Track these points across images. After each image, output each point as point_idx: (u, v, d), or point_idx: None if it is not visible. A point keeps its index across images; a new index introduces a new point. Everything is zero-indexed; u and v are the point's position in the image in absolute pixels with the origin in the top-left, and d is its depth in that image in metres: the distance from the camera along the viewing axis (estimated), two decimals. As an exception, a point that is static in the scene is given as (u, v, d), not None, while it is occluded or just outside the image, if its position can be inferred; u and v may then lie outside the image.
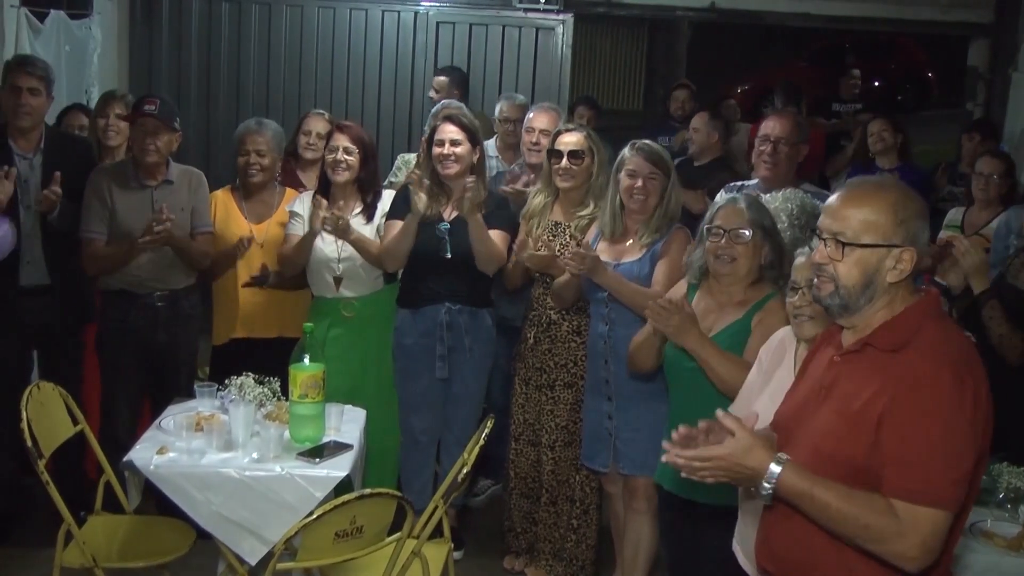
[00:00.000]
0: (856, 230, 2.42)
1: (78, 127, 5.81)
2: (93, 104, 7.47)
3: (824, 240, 2.47)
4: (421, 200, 4.58)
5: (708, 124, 6.64)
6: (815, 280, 2.52)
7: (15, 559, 4.79)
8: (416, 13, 8.52)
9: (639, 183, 4.27)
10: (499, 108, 6.17)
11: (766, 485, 2.37)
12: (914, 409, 2.30)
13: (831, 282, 2.46)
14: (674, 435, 2.51)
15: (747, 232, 3.58)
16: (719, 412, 2.46)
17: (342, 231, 4.65)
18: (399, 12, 8.49)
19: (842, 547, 2.38)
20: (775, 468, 2.36)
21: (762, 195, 4.24)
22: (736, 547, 3.07)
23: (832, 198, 2.51)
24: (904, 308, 2.45)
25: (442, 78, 7.20)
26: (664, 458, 2.49)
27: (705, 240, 3.66)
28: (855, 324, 2.49)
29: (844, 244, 2.42)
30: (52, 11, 7.34)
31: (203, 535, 3.90)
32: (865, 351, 2.45)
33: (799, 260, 3.13)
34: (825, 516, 2.35)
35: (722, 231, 3.59)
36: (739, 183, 4.94)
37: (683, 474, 2.46)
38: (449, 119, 4.76)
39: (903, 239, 2.41)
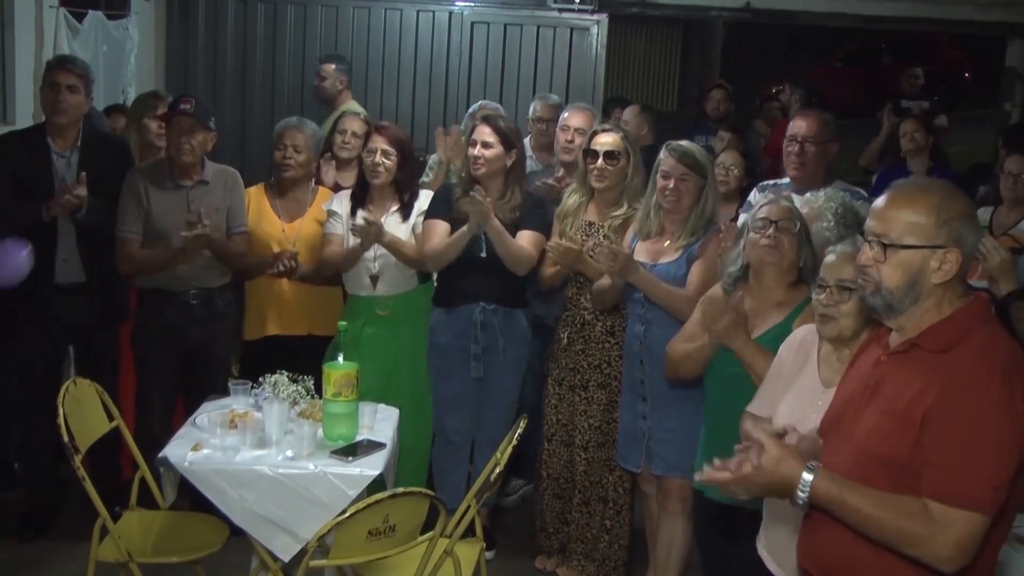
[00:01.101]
0: (899, 232, 2.40)
1: (117, 130, 5.85)
2: (131, 102, 7.57)
3: (869, 242, 2.45)
4: (473, 226, 4.55)
5: (638, 117, 6.83)
6: (860, 280, 2.50)
7: (52, 552, 4.84)
8: (451, 13, 8.53)
9: (671, 184, 4.25)
10: (533, 108, 6.16)
11: (800, 494, 2.35)
12: (959, 410, 2.28)
13: (873, 284, 2.44)
14: (715, 463, 2.50)
15: (793, 222, 3.57)
16: (747, 425, 2.45)
17: (375, 237, 4.65)
18: (434, 12, 8.51)
19: (881, 551, 2.36)
20: (807, 476, 2.35)
21: (796, 195, 4.23)
22: (762, 551, 3.05)
23: (878, 200, 2.49)
24: (953, 310, 2.42)
25: (330, 65, 7.01)
26: (698, 477, 2.49)
27: (746, 236, 3.63)
28: (902, 325, 2.47)
29: (887, 246, 2.41)
30: (90, 11, 7.42)
31: (236, 531, 3.90)
32: (912, 352, 2.43)
33: (829, 259, 3.11)
34: (858, 521, 2.33)
35: (769, 221, 3.57)
36: (771, 182, 4.91)
37: (721, 492, 2.45)
38: (485, 120, 4.76)
39: (947, 240, 2.38)
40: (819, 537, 2.53)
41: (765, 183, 4.88)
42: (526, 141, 6.02)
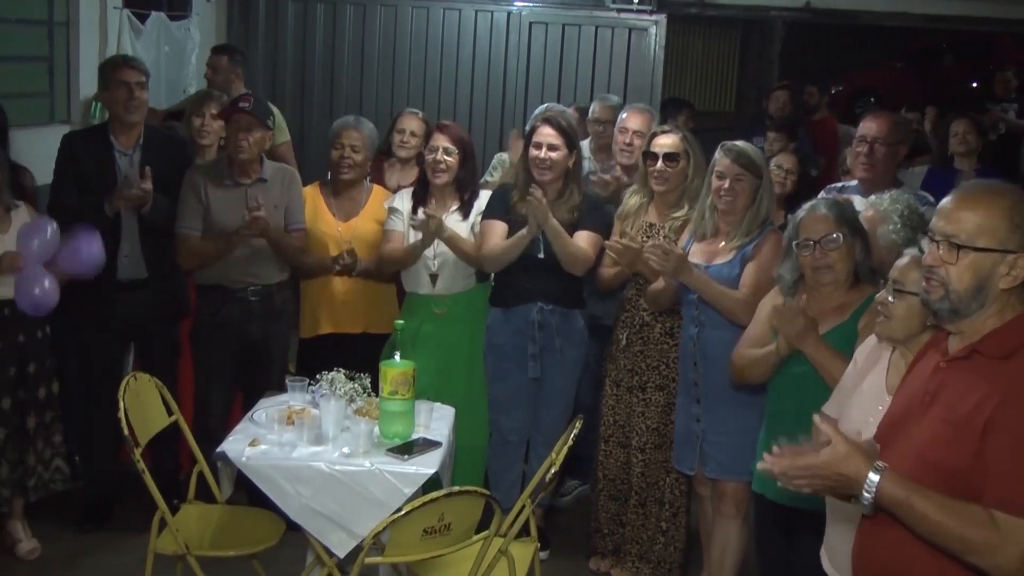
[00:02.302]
0: (971, 233, 2.35)
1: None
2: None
3: (937, 242, 2.40)
4: (533, 228, 4.54)
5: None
6: (923, 283, 2.46)
7: (111, 543, 4.91)
8: (509, 13, 8.54)
9: (726, 184, 4.21)
10: (592, 109, 6.14)
11: (866, 495, 2.31)
12: (1021, 418, 2.23)
13: (941, 286, 2.39)
14: (775, 450, 2.47)
15: (838, 236, 3.51)
16: (816, 419, 2.41)
17: (436, 232, 4.66)
18: (492, 12, 8.52)
19: (941, 558, 2.32)
20: (874, 477, 2.30)
21: (860, 197, 4.17)
22: (823, 555, 3.02)
23: (945, 200, 2.44)
24: (1015, 315, 2.38)
25: (222, 58, 6.76)
26: (759, 466, 2.45)
27: (794, 255, 3.60)
28: (963, 330, 2.42)
29: (959, 247, 2.36)
30: (153, 12, 7.52)
31: (293, 527, 3.94)
32: (973, 358, 2.38)
33: (903, 260, 3.06)
34: (923, 526, 2.29)
35: (812, 242, 3.53)
36: (839, 184, 4.85)
37: (779, 484, 2.42)
38: (548, 121, 4.74)
39: (1017, 245, 2.33)
40: (873, 541, 2.49)
41: (832, 186, 4.82)
42: (585, 143, 6.01)
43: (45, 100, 6.85)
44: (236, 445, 3.87)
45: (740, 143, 4.33)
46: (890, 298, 2.96)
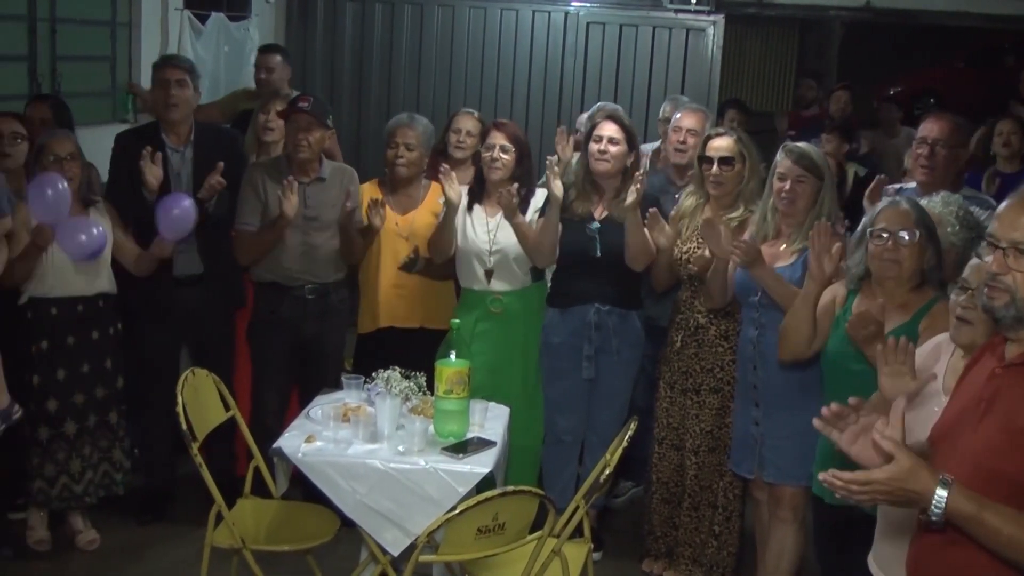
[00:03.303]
0: None
1: None
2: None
3: (1003, 249, 2.36)
4: (557, 187, 4.56)
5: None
6: (985, 289, 2.41)
7: (168, 535, 4.98)
8: (567, 13, 8.54)
9: (787, 185, 4.18)
10: (663, 109, 6.13)
11: (935, 510, 2.27)
12: None
13: (1007, 293, 2.34)
14: (824, 411, 2.45)
15: (913, 234, 3.47)
16: (875, 436, 2.36)
17: (512, 209, 4.67)
18: (550, 12, 8.52)
19: (1005, 569, 2.28)
20: (942, 492, 2.25)
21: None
22: (871, 562, 2.98)
23: (1004, 205, 2.40)
24: None
25: (275, 56, 6.66)
26: (820, 477, 2.42)
27: (867, 243, 3.55)
28: (1022, 337, 2.39)
29: None
30: (213, 13, 7.60)
31: (347, 523, 3.96)
32: None
33: (975, 261, 3.00)
34: (995, 541, 2.24)
35: (886, 233, 3.49)
36: (897, 186, 4.79)
37: (838, 495, 2.39)
38: (611, 118, 4.76)
39: None
40: (935, 554, 2.45)
41: (890, 187, 4.76)
42: (655, 144, 6.01)
43: (108, 99, 6.96)
44: (292, 441, 3.90)
45: (802, 144, 4.30)
46: (963, 299, 2.89)
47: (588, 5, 8.60)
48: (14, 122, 4.72)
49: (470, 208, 4.86)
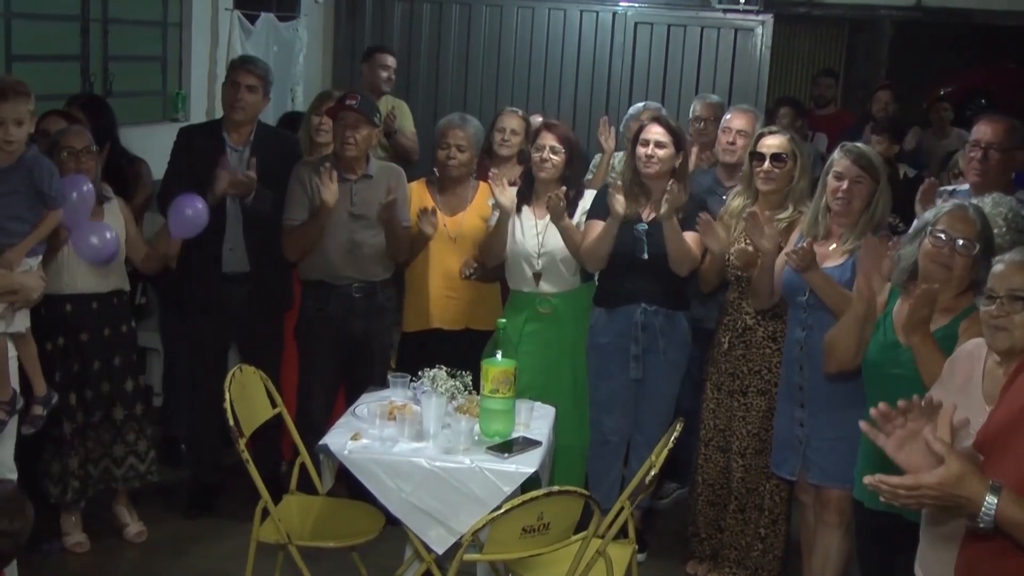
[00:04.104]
0: None
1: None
2: (298, 101, 7.81)
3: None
4: (619, 203, 4.57)
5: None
6: None
7: (214, 529, 5.03)
8: (615, 13, 8.52)
9: (844, 185, 4.14)
10: (693, 107, 6.10)
11: (985, 516, 2.24)
12: None
13: None
14: (872, 412, 2.42)
15: (972, 244, 3.40)
16: (927, 436, 2.33)
17: (559, 213, 4.67)
18: (597, 12, 8.51)
19: None
20: (991, 498, 2.22)
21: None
22: (918, 570, 2.94)
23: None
24: None
25: (388, 56, 6.97)
26: (866, 480, 2.39)
27: (922, 238, 3.50)
28: None
29: None
30: (263, 13, 7.67)
31: (392, 521, 3.97)
32: None
33: (997, 268, 2.95)
34: None
35: (945, 236, 3.44)
36: (949, 188, 4.73)
37: (882, 499, 2.36)
38: (657, 120, 4.75)
39: None
40: (985, 562, 2.42)
41: (942, 188, 4.71)
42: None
43: (158, 98, 7.03)
44: (338, 438, 3.92)
45: (860, 145, 4.26)
46: (1007, 307, 2.84)
47: (636, 5, 8.58)
48: (60, 121, 4.77)
49: (518, 210, 4.87)
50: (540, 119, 5.57)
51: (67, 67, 6.25)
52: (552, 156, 4.77)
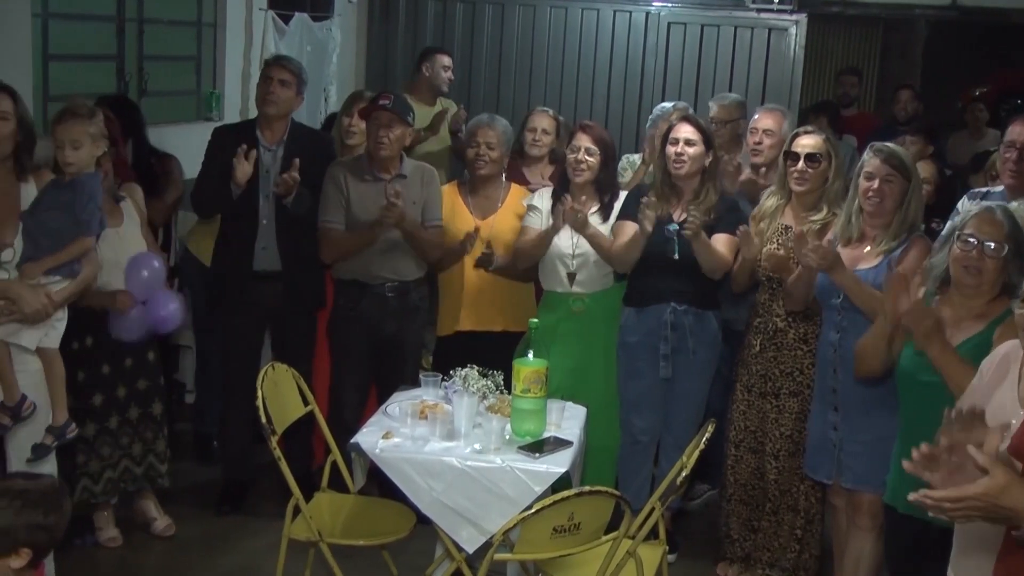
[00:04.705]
0: None
1: None
2: (332, 101, 7.84)
3: None
4: (649, 220, 4.54)
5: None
6: None
7: (245, 526, 5.06)
8: (648, 13, 8.50)
9: (875, 185, 4.11)
10: (710, 108, 6.07)
11: None
12: None
13: None
14: (915, 454, 2.39)
15: (1001, 247, 3.37)
16: (971, 449, 2.30)
17: (581, 225, 4.67)
18: (630, 12, 8.49)
19: None
20: None
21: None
22: (951, 576, 2.92)
23: None
24: None
25: (445, 57, 7.01)
26: (910, 497, 2.37)
27: (952, 246, 3.47)
28: None
29: None
30: (296, 13, 7.70)
31: (423, 520, 3.98)
32: None
33: None
34: None
35: (974, 239, 3.41)
36: (983, 190, 4.69)
37: (930, 514, 2.33)
38: (686, 119, 4.75)
39: None
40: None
41: (976, 191, 4.66)
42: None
43: (193, 98, 7.08)
44: (370, 437, 3.94)
45: (890, 144, 4.23)
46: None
47: (669, 5, 8.55)
48: None
49: (552, 210, 4.86)
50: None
51: (103, 67, 6.31)
52: (587, 158, 4.77)
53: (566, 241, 4.84)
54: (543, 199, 4.94)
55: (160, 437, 4.83)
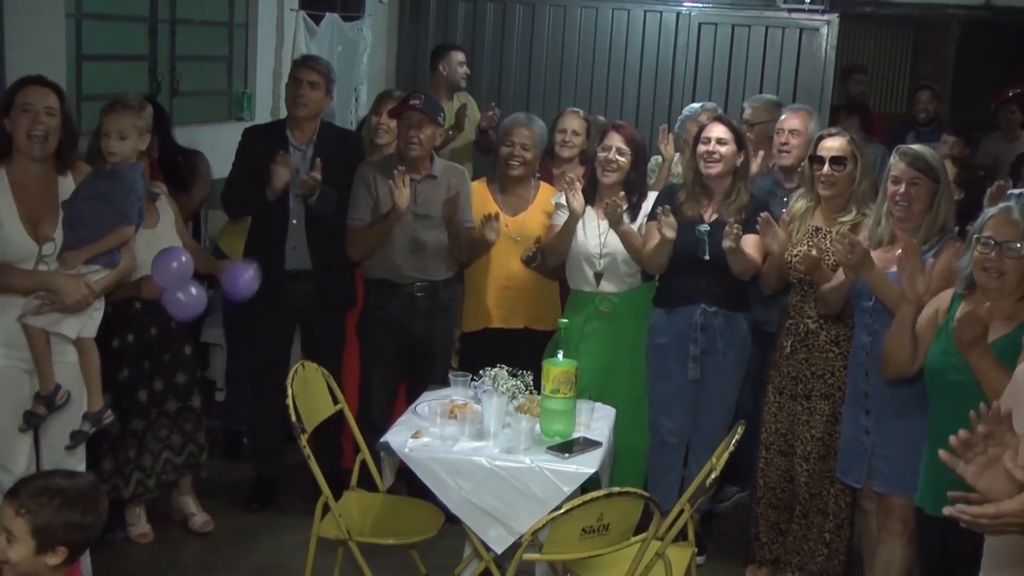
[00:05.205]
0: None
1: None
2: (362, 102, 7.86)
3: None
4: (670, 226, 4.51)
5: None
6: None
7: (274, 524, 5.08)
8: (678, 14, 8.46)
9: (902, 188, 4.08)
10: (744, 109, 6.05)
11: None
12: None
13: None
14: (952, 440, 2.37)
15: (1019, 245, 3.35)
16: (1007, 465, 2.28)
17: (617, 220, 4.66)
18: (661, 13, 8.46)
19: None
20: None
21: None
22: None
23: None
24: None
25: (459, 53, 7.15)
26: (946, 511, 2.36)
27: (973, 249, 3.46)
28: None
29: None
30: (327, 14, 7.72)
31: (451, 519, 4.00)
32: None
33: None
34: None
35: (992, 242, 3.39)
36: (1017, 191, 4.65)
37: (963, 525, 2.32)
38: (719, 119, 4.75)
39: None
40: None
41: (1012, 191, 4.62)
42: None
43: (224, 98, 7.12)
44: (399, 436, 3.95)
45: (916, 146, 4.20)
46: None
47: (700, 5, 8.52)
48: None
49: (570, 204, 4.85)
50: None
51: (136, 67, 6.35)
52: (618, 157, 4.77)
53: (593, 240, 4.84)
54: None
55: (199, 429, 4.87)
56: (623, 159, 4.77)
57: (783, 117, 5.30)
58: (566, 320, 4.12)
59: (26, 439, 3.94)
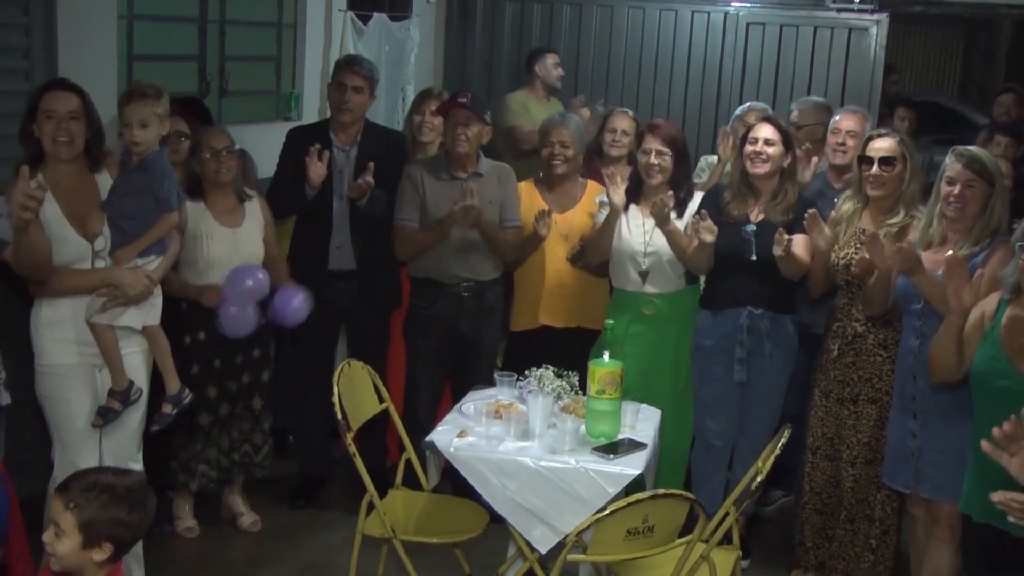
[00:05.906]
0: None
1: None
2: (409, 101, 7.88)
3: None
4: (709, 230, 4.49)
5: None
6: None
7: (319, 521, 5.13)
8: (726, 14, 8.41)
9: (956, 190, 4.04)
10: (791, 111, 6.00)
11: None
12: None
13: None
14: (995, 432, 2.34)
15: None
16: None
17: (664, 220, 4.65)
18: (709, 13, 8.41)
19: None
20: None
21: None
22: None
23: None
24: None
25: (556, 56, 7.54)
26: (994, 498, 2.33)
27: (1019, 256, 3.41)
28: None
29: None
30: (375, 14, 7.75)
31: (496, 519, 4.00)
32: None
33: None
34: None
35: None
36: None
37: (1010, 519, 2.29)
38: (767, 119, 4.73)
39: None
40: None
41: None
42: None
43: (272, 98, 7.17)
44: (444, 435, 3.96)
45: (972, 148, 4.15)
46: None
47: (748, 5, 8.46)
48: (179, 121, 4.86)
49: (626, 209, 4.85)
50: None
51: (186, 67, 6.41)
52: (658, 161, 4.75)
53: (638, 239, 4.82)
54: (616, 195, 4.92)
55: (257, 430, 4.93)
56: (664, 161, 4.75)
57: (838, 117, 5.28)
58: (612, 322, 4.11)
59: (94, 436, 4.01)
